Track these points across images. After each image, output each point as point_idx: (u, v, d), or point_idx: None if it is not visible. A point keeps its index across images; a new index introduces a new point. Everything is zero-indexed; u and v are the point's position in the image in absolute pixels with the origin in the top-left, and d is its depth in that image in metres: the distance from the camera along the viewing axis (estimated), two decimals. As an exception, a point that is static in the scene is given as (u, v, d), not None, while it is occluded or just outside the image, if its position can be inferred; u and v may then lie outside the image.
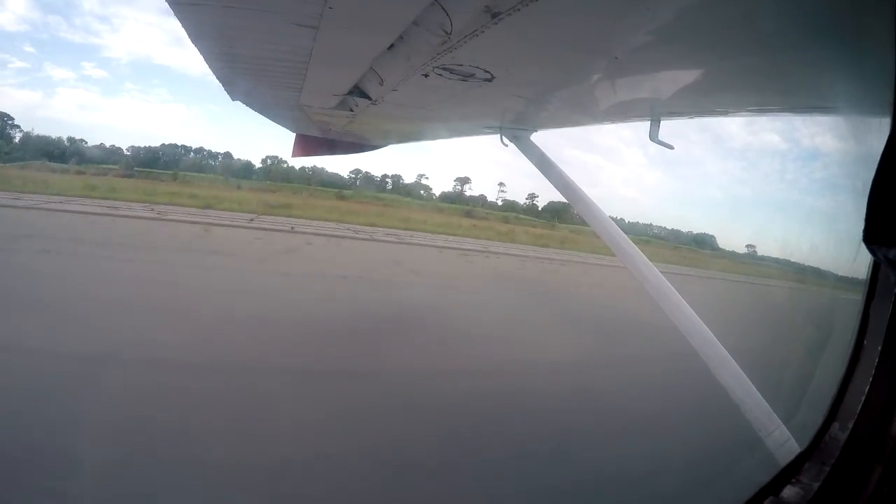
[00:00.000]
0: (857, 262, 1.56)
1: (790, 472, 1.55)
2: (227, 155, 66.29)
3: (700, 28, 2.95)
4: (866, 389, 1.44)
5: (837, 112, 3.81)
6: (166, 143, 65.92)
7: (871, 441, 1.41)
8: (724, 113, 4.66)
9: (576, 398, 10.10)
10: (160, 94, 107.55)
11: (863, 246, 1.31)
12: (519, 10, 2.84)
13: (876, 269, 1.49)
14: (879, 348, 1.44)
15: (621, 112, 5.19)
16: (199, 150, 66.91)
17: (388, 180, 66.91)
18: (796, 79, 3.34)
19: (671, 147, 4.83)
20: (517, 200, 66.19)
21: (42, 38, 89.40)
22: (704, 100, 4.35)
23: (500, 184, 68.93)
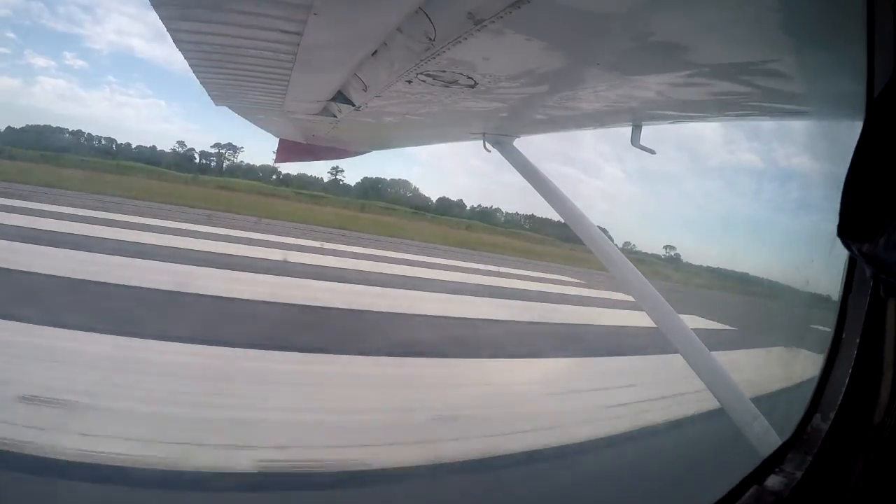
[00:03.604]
0: (834, 258, 1.60)
1: (773, 462, 1.58)
2: (110, 139, 68.11)
3: (680, 35, 3.01)
4: (846, 381, 1.48)
5: (815, 116, 3.89)
6: (31, 123, 66.94)
7: (854, 431, 1.45)
8: (705, 118, 4.74)
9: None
10: (140, 88, 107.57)
11: (838, 243, 1.35)
12: (502, 17, 2.87)
13: (852, 263, 1.53)
14: (858, 340, 1.48)
15: (603, 118, 5.24)
16: (78, 133, 68.19)
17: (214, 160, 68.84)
18: (774, 83, 3.41)
19: (653, 152, 4.89)
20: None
21: (24, 25, 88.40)
22: (685, 106, 4.41)
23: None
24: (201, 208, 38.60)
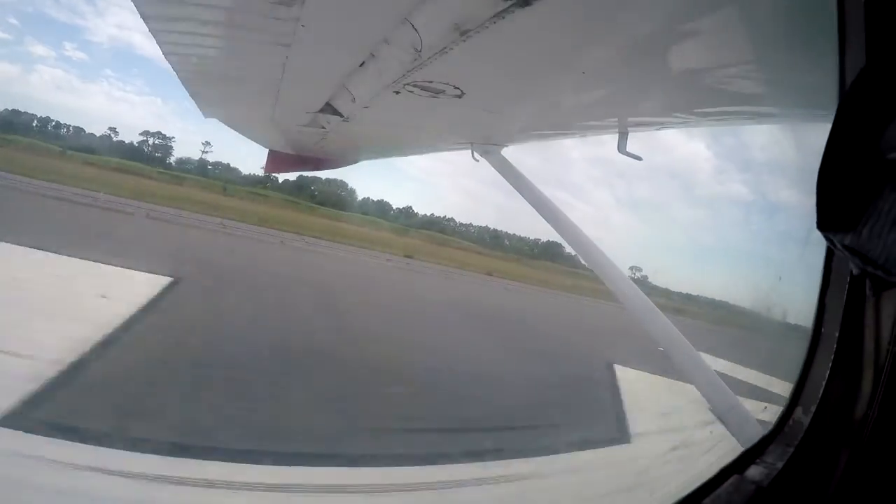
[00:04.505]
0: (809, 255, 1.63)
1: (754, 454, 1.62)
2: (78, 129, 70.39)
3: (665, 43, 3.06)
4: (826, 376, 1.52)
5: (795, 119, 3.94)
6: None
7: (835, 425, 1.48)
8: (688, 123, 4.79)
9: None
10: (138, 84, 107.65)
11: (812, 240, 1.37)
12: (487, 27, 2.91)
13: (829, 260, 1.57)
14: (837, 335, 1.51)
15: (590, 125, 5.30)
16: (46, 120, 70.39)
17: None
18: (752, 87, 3.47)
19: (639, 158, 4.93)
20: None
21: (27, 12, 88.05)
22: (670, 112, 4.47)
23: (205, 143, 75.58)
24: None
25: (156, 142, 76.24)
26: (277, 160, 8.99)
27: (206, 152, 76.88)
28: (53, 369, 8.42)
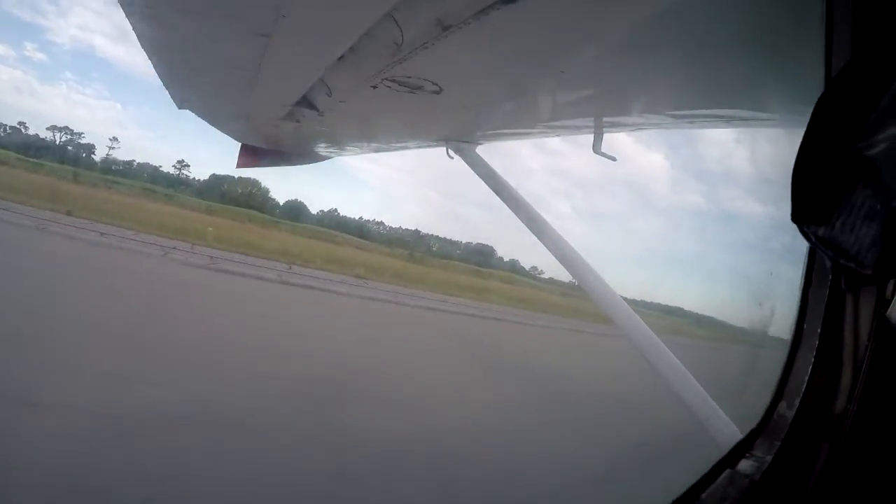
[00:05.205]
0: (793, 252, 1.67)
1: (744, 447, 1.66)
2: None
3: (645, 42, 3.10)
4: (809, 370, 1.56)
5: (779, 123, 4.01)
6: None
7: (817, 418, 1.52)
8: (665, 126, 4.87)
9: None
10: (98, 88, 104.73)
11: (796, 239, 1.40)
12: (469, 23, 2.91)
13: (812, 256, 1.61)
14: (819, 331, 1.56)
15: (566, 125, 5.34)
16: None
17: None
18: (741, 89, 3.53)
19: (614, 159, 4.98)
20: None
21: None
22: (646, 114, 4.53)
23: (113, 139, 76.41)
24: None
25: (62, 136, 74.89)
26: (249, 155, 8.83)
27: (113, 148, 76.94)
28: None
